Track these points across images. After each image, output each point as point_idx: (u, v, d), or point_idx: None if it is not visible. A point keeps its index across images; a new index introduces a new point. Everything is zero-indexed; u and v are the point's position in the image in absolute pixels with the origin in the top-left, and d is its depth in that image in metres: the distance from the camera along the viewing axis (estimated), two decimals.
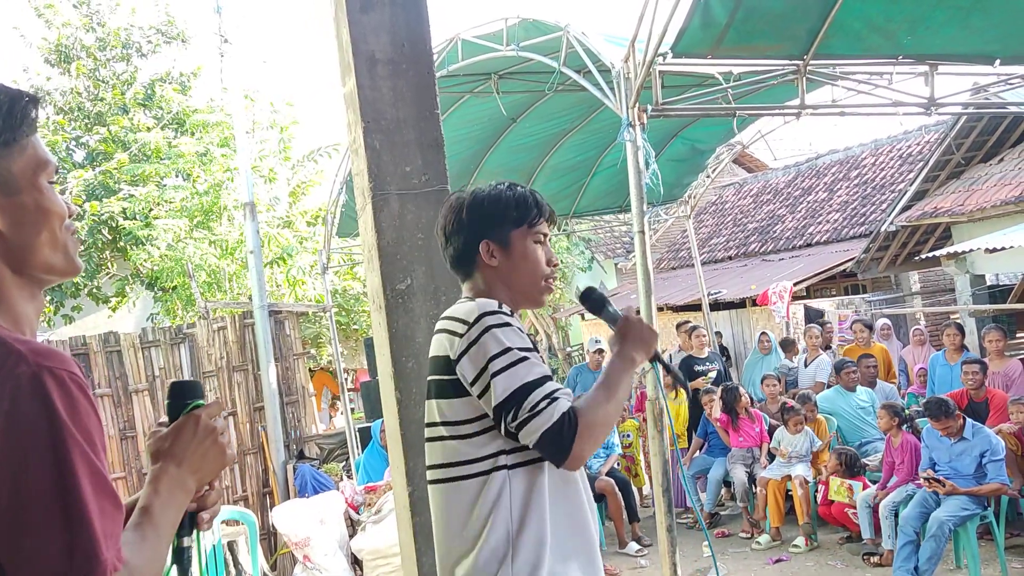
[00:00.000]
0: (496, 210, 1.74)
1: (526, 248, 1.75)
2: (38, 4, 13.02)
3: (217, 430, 1.21)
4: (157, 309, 11.71)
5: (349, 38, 2.70)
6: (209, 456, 1.20)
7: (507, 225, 1.74)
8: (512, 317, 1.67)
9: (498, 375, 1.57)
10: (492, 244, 1.74)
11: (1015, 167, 9.29)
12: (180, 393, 1.26)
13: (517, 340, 1.61)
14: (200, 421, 1.20)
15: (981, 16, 4.88)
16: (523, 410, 1.54)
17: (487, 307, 1.65)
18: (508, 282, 1.75)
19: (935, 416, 5.08)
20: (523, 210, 1.75)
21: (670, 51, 4.52)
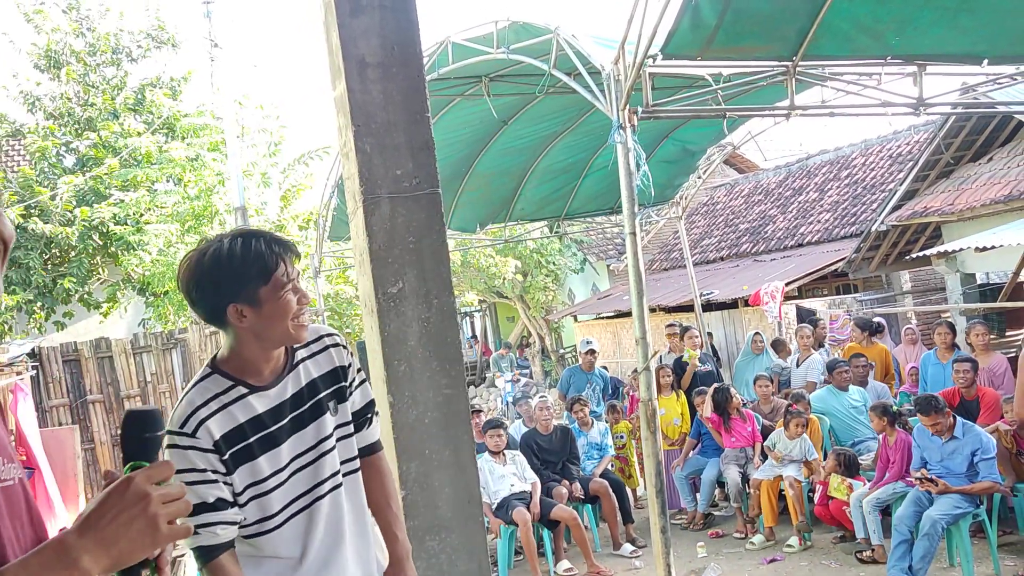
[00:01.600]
0: (235, 273, 1.72)
1: (276, 303, 1.74)
2: (28, 10, 12.98)
3: (149, 498, 0.96)
4: (149, 314, 11.67)
5: (339, 42, 2.70)
6: (131, 531, 0.94)
7: (252, 285, 1.72)
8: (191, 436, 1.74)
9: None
10: (241, 306, 1.74)
11: (1004, 166, 9.35)
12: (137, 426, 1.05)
13: (183, 463, 1.72)
14: (131, 486, 0.96)
15: (968, 16, 4.91)
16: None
17: (172, 424, 1.75)
18: (261, 335, 1.78)
19: (925, 411, 5.09)
20: (261, 267, 1.73)
21: (660, 53, 4.53)
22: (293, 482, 1.83)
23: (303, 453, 1.84)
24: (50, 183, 12.11)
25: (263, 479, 1.79)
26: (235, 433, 1.76)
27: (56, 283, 11.83)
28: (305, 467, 1.85)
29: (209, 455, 1.74)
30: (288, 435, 1.83)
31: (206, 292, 1.74)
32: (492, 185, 9.50)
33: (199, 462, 1.73)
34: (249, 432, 1.78)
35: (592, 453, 7.04)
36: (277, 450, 1.81)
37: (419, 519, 2.63)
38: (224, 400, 1.78)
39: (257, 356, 1.80)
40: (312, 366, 1.89)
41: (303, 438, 1.85)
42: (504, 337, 20.76)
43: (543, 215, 10.87)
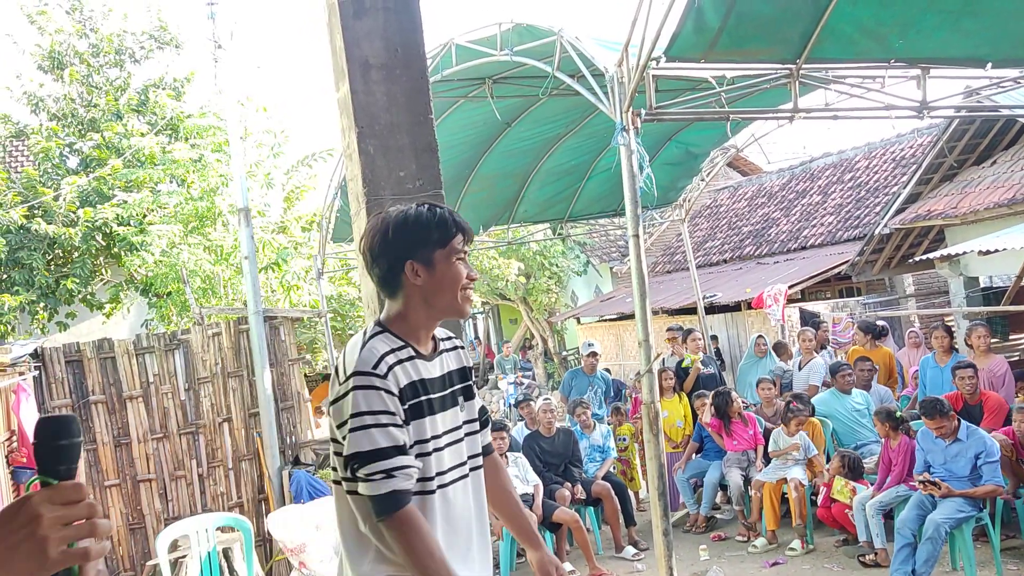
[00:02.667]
0: (419, 233, 1.84)
1: (448, 267, 1.86)
2: (31, 11, 13.00)
3: (40, 520, 0.89)
4: (151, 315, 11.67)
5: (343, 43, 2.70)
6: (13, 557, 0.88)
7: (431, 246, 1.85)
8: (391, 368, 1.77)
9: (352, 433, 1.73)
10: (417, 265, 1.84)
11: (1008, 169, 9.33)
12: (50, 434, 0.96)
13: (379, 404, 1.73)
14: (25, 505, 0.89)
15: (971, 20, 4.91)
16: (362, 471, 1.73)
17: (362, 364, 1.76)
18: (430, 299, 1.86)
19: (930, 415, 5.08)
20: (443, 231, 1.86)
21: (663, 55, 4.53)
22: (447, 453, 1.87)
23: (447, 432, 1.89)
24: (53, 184, 12.13)
25: (426, 439, 1.82)
26: (412, 387, 1.80)
27: (59, 284, 11.84)
28: (450, 445, 1.88)
29: (396, 400, 1.76)
30: (441, 408, 1.88)
31: (389, 246, 1.84)
32: (495, 187, 9.50)
33: (391, 404, 1.75)
34: (421, 390, 1.82)
35: (594, 455, 7.03)
36: (436, 417, 1.85)
37: None
38: (400, 356, 1.82)
39: (421, 323, 1.87)
40: (450, 358, 1.97)
41: (447, 417, 1.89)
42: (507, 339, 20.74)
43: (546, 217, 10.88)
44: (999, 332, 9.27)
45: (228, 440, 7.25)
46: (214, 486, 7.20)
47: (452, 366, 1.96)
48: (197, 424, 7.17)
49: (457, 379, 1.96)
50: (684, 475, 7.06)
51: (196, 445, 7.16)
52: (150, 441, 7.02)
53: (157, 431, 7.04)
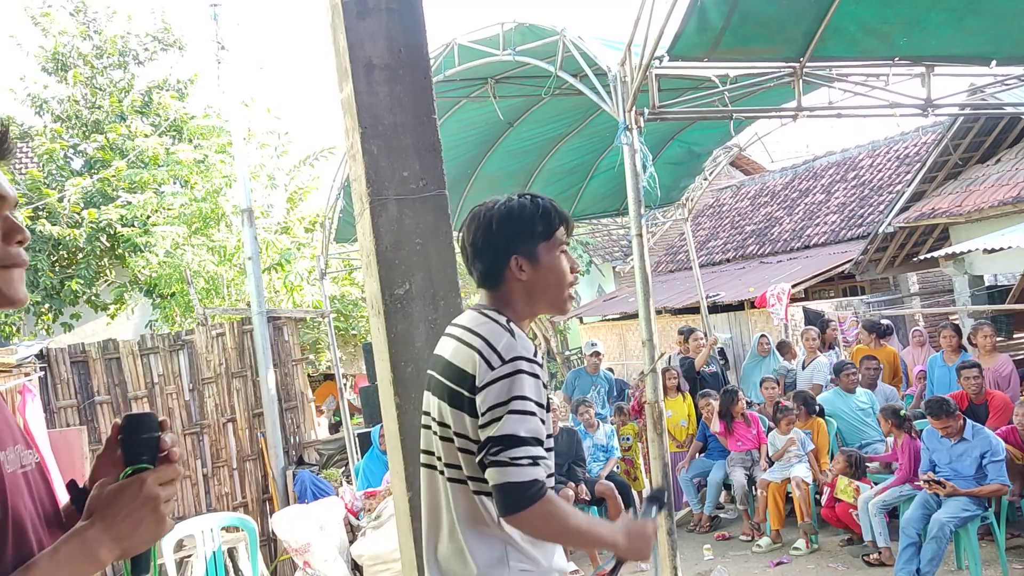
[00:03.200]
0: (523, 226, 1.77)
1: (553, 260, 1.78)
2: (35, 12, 13.03)
3: (159, 499, 1.10)
4: (155, 316, 11.70)
5: (346, 44, 2.71)
6: (142, 527, 1.08)
7: (535, 240, 1.77)
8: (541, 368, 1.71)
9: (512, 415, 1.62)
10: (522, 259, 1.77)
11: (1012, 167, 9.31)
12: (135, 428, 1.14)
13: (539, 394, 1.67)
14: (144, 487, 1.09)
15: (975, 17, 4.90)
16: (506, 453, 1.61)
17: (524, 350, 1.68)
18: (534, 294, 1.80)
19: (936, 415, 5.07)
20: (547, 223, 1.78)
21: (666, 54, 4.53)
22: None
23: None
24: (58, 185, 12.16)
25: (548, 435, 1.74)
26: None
27: (64, 285, 11.87)
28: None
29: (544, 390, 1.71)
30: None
31: (493, 240, 1.77)
32: (498, 187, 9.49)
33: (543, 397, 1.70)
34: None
35: (598, 455, 7.03)
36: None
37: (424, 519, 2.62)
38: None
39: (522, 318, 1.80)
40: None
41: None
42: None
43: None
44: (1004, 331, 9.25)
45: (232, 440, 7.27)
46: (219, 486, 7.21)
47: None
48: (201, 424, 7.19)
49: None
50: (688, 474, 7.06)
51: (200, 445, 7.17)
52: None
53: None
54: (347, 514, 6.39)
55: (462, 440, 1.71)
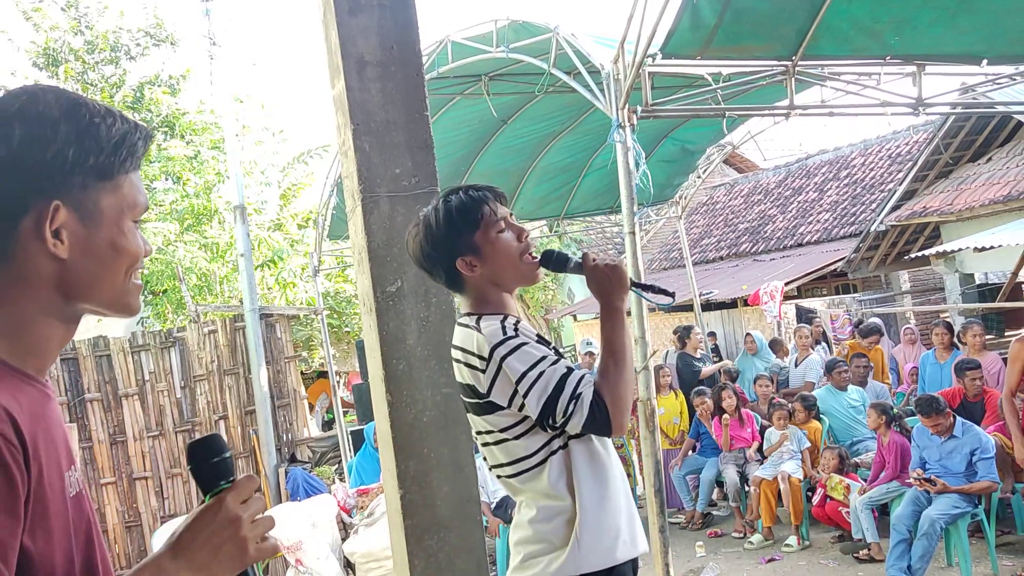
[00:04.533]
0: (447, 229, 1.83)
1: (494, 243, 1.84)
2: (26, 7, 12.96)
3: (240, 520, 1.01)
4: (147, 313, 11.65)
5: (338, 40, 2.70)
6: (221, 553, 0.99)
7: (466, 234, 1.83)
8: (515, 327, 1.80)
9: (527, 395, 1.75)
10: (466, 258, 1.84)
11: (1003, 166, 9.35)
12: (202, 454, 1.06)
13: (531, 352, 1.76)
14: (223, 508, 1.00)
15: (967, 16, 4.91)
16: (558, 416, 1.74)
17: (494, 338, 1.78)
18: (496, 279, 1.86)
19: (926, 413, 5.09)
20: (467, 213, 1.84)
21: (659, 52, 4.53)
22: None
23: None
24: None
25: None
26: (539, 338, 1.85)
27: None
28: None
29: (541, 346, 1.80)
30: None
31: (431, 255, 1.86)
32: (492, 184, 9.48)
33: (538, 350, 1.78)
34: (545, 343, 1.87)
35: None
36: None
37: (417, 518, 2.63)
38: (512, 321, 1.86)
39: (504, 302, 1.88)
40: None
41: None
42: None
43: (542, 214, 10.86)
44: (994, 328, 9.30)
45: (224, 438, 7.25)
46: None
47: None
48: (193, 422, 7.17)
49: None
50: (680, 472, 7.07)
51: None
52: (146, 439, 7.02)
53: (153, 429, 7.03)
54: (340, 512, 6.39)
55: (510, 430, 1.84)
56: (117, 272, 1.04)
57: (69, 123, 0.98)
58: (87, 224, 1.00)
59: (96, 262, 1.01)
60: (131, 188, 1.05)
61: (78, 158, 0.98)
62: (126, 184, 1.04)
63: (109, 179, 1.01)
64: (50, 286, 0.99)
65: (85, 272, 1.01)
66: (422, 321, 2.69)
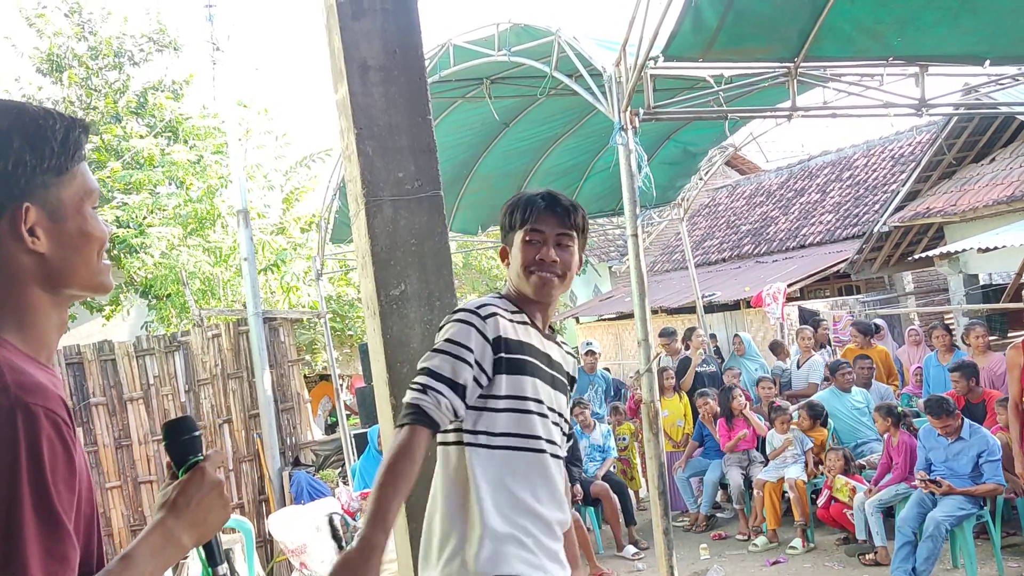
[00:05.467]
0: (505, 218, 1.98)
1: (515, 247, 1.94)
2: (30, 14, 13.00)
3: (222, 483, 1.21)
4: (151, 317, 11.68)
5: (341, 45, 2.71)
6: (212, 511, 1.18)
7: (507, 230, 1.97)
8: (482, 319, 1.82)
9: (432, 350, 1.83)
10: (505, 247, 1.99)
11: (1007, 167, 9.34)
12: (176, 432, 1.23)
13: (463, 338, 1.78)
14: (206, 474, 1.20)
15: (970, 17, 4.91)
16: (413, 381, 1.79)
17: (470, 305, 1.87)
18: (510, 275, 1.97)
19: (936, 414, 5.08)
20: (512, 216, 1.95)
21: (661, 55, 4.54)
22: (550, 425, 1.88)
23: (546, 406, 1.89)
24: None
25: (528, 398, 1.84)
26: (516, 344, 1.83)
27: None
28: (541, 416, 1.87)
29: (486, 345, 1.79)
30: (545, 380, 1.89)
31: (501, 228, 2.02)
32: (494, 187, 9.50)
33: (472, 342, 1.78)
34: (527, 351, 1.86)
35: (595, 455, 7.04)
36: (541, 384, 1.87)
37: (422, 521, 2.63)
38: (513, 317, 1.88)
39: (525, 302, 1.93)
40: (562, 355, 2.00)
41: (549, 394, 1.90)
42: None
43: None
44: (998, 329, 9.28)
45: (228, 441, 7.26)
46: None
47: (561, 362, 1.99)
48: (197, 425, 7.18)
49: (563, 375, 1.99)
50: (684, 474, 7.06)
51: None
52: (151, 443, 7.03)
53: (158, 433, 7.04)
54: (344, 515, 6.39)
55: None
56: (90, 255, 1.15)
57: (20, 132, 1.08)
58: (55, 218, 1.11)
59: (71, 250, 1.13)
60: (83, 177, 1.16)
61: (36, 161, 1.09)
62: (79, 175, 1.15)
63: (65, 173, 1.12)
64: (36, 279, 1.11)
65: (63, 260, 1.12)
66: (426, 324, 2.70)
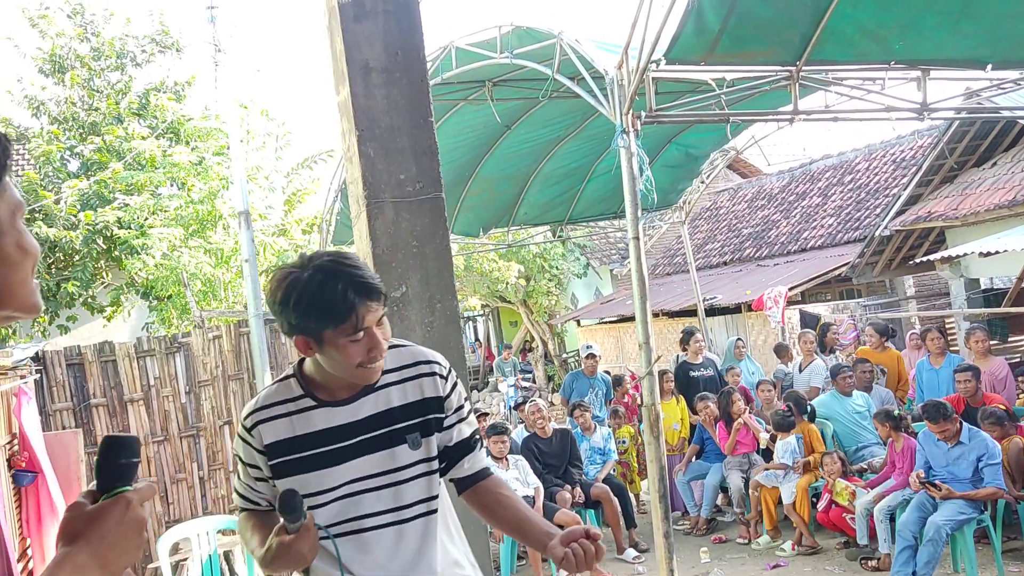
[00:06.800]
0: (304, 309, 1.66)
1: (339, 348, 1.67)
2: (32, 14, 13.02)
3: (145, 521, 1.09)
4: (152, 318, 11.68)
5: (343, 47, 2.71)
6: (127, 550, 1.06)
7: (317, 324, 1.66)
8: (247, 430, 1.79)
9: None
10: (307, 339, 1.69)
11: (1008, 171, 9.33)
12: (115, 452, 1.10)
13: (241, 452, 1.82)
14: (130, 507, 1.07)
15: (971, 21, 4.92)
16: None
17: (243, 412, 1.84)
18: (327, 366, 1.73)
19: (933, 419, 5.08)
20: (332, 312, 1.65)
21: (663, 58, 4.54)
22: (366, 498, 1.76)
23: (365, 478, 1.76)
24: (54, 187, 12.14)
25: (320, 491, 1.75)
26: (288, 443, 1.76)
27: (60, 287, 11.85)
28: (362, 492, 1.77)
29: (256, 455, 1.79)
30: (352, 456, 1.76)
31: (279, 316, 1.71)
32: (495, 189, 9.51)
33: (247, 456, 1.81)
34: (303, 446, 1.75)
35: (595, 458, 7.03)
36: (330, 470, 1.75)
37: None
38: (289, 408, 1.78)
39: (329, 378, 1.76)
40: (395, 393, 1.79)
41: (370, 462, 1.76)
42: (507, 341, 20.75)
43: (546, 219, 10.88)
44: (999, 334, 9.27)
45: (229, 443, 7.25)
46: (215, 489, 7.19)
47: (394, 402, 1.78)
48: (198, 427, 7.17)
49: (401, 416, 1.78)
50: (684, 477, 7.06)
51: (197, 448, 7.16)
52: (151, 444, 7.02)
53: (158, 434, 7.04)
54: None
55: None
56: (28, 272, 1.08)
57: None
58: None
59: (10, 267, 1.06)
60: (11, 190, 1.09)
61: None
62: (7, 188, 1.08)
63: None
64: None
65: (4, 279, 1.05)
66: (427, 326, 2.70)
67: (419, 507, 1.80)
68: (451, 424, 1.84)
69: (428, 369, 1.83)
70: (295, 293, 1.65)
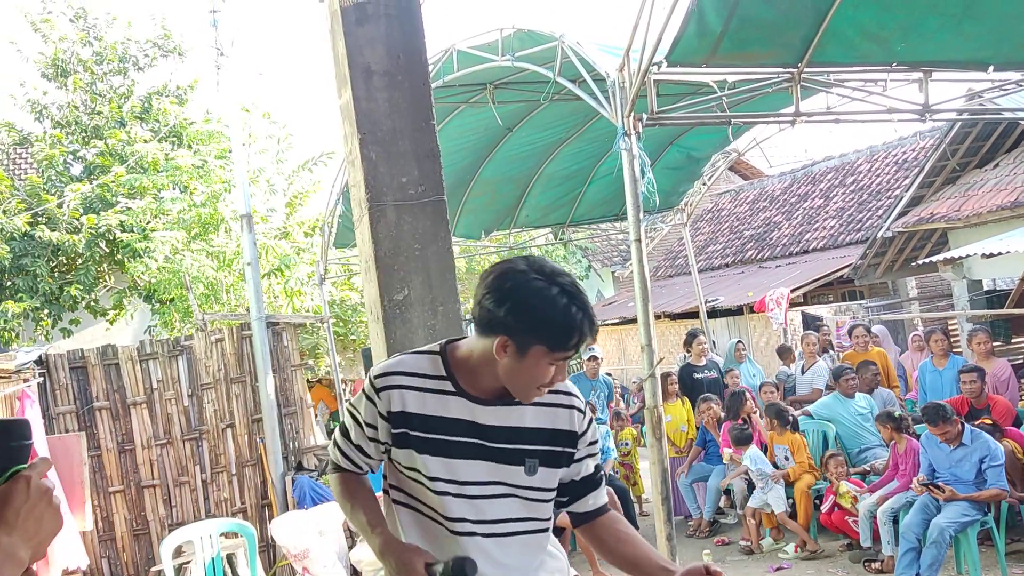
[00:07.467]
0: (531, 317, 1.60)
1: (537, 367, 1.64)
2: (35, 18, 13.05)
3: (50, 490, 1.12)
4: (155, 321, 11.69)
5: (345, 50, 2.71)
6: (45, 520, 1.10)
7: (532, 336, 1.61)
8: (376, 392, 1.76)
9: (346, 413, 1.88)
10: (509, 344, 1.62)
11: (1010, 172, 9.33)
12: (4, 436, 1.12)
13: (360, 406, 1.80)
14: (31, 483, 1.10)
15: (973, 23, 4.92)
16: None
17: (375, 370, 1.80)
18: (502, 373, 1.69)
19: (933, 421, 5.07)
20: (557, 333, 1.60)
21: (665, 60, 4.55)
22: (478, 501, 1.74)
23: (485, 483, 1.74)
24: (57, 191, 12.16)
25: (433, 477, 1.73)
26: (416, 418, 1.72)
27: (63, 290, 11.87)
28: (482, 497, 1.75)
29: (379, 417, 1.75)
30: (473, 456, 1.73)
31: (491, 308, 1.62)
32: (497, 192, 9.52)
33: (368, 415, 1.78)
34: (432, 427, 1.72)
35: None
36: (451, 460, 1.73)
37: None
38: (428, 384, 1.74)
39: (484, 376, 1.71)
40: (530, 413, 1.75)
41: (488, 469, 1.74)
42: None
43: (548, 222, 10.89)
44: (1002, 335, 9.26)
45: (231, 446, 7.26)
46: (218, 492, 7.20)
47: (531, 422, 1.75)
48: (200, 430, 7.18)
49: (531, 438, 1.75)
50: (687, 480, 7.05)
51: (200, 451, 7.16)
52: (154, 447, 7.03)
53: (161, 437, 7.04)
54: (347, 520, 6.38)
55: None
56: None
57: None
58: None
59: None
60: None
61: None
62: None
63: None
64: None
65: None
66: (429, 329, 2.70)
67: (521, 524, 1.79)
68: (580, 458, 1.83)
69: (568, 401, 1.80)
70: (532, 300, 1.59)
